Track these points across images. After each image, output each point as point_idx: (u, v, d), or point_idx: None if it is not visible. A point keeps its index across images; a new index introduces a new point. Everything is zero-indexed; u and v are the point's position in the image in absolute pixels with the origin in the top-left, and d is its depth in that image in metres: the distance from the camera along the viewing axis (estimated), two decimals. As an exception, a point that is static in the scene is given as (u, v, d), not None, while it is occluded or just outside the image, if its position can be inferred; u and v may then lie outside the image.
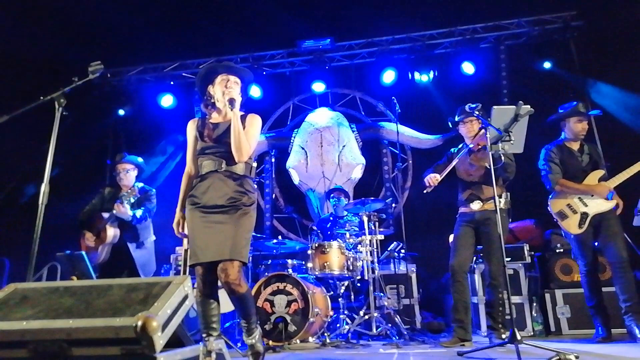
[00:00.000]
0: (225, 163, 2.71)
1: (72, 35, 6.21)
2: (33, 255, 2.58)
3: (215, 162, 2.72)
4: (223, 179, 2.70)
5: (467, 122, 3.95)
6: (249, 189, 2.74)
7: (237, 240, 2.59)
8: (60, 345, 1.61)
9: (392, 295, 4.89)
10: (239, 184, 2.70)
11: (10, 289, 1.95)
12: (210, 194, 2.67)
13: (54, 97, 2.77)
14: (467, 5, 6.60)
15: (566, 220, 3.86)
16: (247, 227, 2.69)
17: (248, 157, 2.74)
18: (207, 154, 2.76)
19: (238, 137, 2.67)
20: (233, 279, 2.53)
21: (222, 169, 2.70)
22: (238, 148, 2.67)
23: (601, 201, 3.78)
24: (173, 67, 7.48)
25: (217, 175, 2.70)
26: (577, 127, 3.95)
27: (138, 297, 1.75)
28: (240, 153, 2.68)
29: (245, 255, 2.62)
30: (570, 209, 3.86)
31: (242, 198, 2.68)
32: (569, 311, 4.50)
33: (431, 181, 3.73)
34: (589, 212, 3.79)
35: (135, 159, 4.46)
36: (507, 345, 3.00)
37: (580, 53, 6.24)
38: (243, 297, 2.61)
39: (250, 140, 2.75)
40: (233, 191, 2.67)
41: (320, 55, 7.13)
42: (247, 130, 2.77)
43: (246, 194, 2.70)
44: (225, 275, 2.53)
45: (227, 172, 2.71)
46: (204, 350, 2.01)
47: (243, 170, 2.74)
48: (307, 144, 6.94)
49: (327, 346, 3.91)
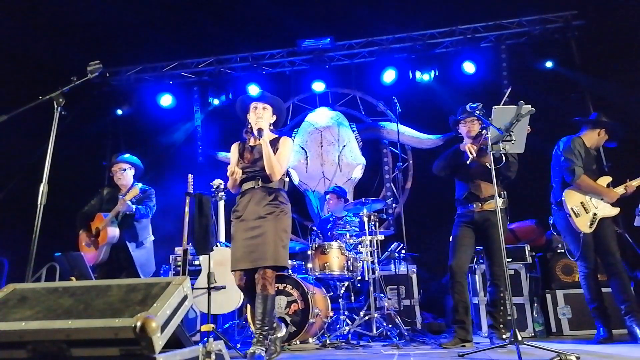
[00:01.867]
0: (261, 180, 3.20)
1: (71, 34, 6.19)
2: (32, 255, 2.57)
3: (253, 181, 3.21)
4: (260, 194, 3.18)
5: (467, 122, 3.93)
6: (282, 200, 3.23)
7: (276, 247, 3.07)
8: (60, 345, 1.60)
9: (393, 296, 4.88)
10: (274, 197, 3.18)
11: (9, 290, 1.94)
12: (250, 207, 3.16)
13: (52, 97, 2.77)
14: (468, 4, 6.59)
15: (579, 218, 3.82)
16: (284, 230, 3.17)
17: (280, 175, 3.21)
18: (247, 173, 3.25)
19: (270, 162, 3.14)
20: (268, 278, 3.04)
21: (258, 185, 3.20)
22: (271, 171, 3.16)
23: (609, 206, 3.81)
24: (172, 66, 7.46)
25: (255, 191, 3.19)
26: (598, 138, 4.00)
27: (137, 297, 1.74)
28: (273, 174, 3.17)
29: (283, 259, 3.12)
30: (583, 207, 3.84)
31: (276, 209, 3.15)
32: (570, 312, 4.48)
33: (473, 150, 3.67)
34: (598, 214, 3.79)
35: (130, 158, 4.45)
36: (508, 345, 2.99)
37: (581, 52, 6.24)
38: (269, 297, 3.04)
39: (282, 161, 3.23)
40: (268, 203, 3.15)
41: (320, 55, 7.12)
42: (279, 152, 3.24)
43: (279, 205, 3.18)
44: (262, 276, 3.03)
45: (264, 188, 3.19)
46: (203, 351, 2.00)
47: (277, 185, 3.24)
48: (307, 144, 6.94)
49: (327, 347, 3.89)
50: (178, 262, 5.25)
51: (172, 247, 5.41)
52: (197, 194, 3.78)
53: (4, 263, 5.42)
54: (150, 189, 4.42)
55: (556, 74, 6.40)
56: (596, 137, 4.00)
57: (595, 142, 4.01)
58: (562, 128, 4.36)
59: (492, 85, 6.61)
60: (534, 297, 4.59)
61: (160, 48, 7.12)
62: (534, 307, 4.51)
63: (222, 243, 4.65)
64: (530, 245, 4.73)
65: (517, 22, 6.64)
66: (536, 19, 6.55)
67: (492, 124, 3.20)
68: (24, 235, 2.80)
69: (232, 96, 7.20)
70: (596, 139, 4.00)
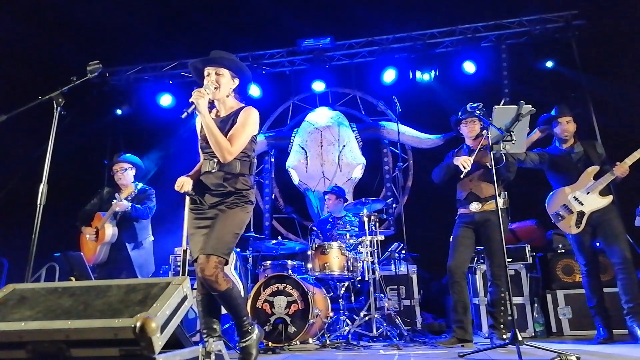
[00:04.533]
0: (216, 163, 2.68)
1: (70, 34, 6.19)
2: (31, 255, 2.57)
3: (209, 162, 2.72)
4: (215, 179, 2.67)
5: (468, 122, 3.94)
6: (240, 187, 2.67)
7: (221, 235, 2.53)
8: (59, 346, 1.60)
9: (393, 296, 4.87)
10: (232, 183, 2.66)
11: (8, 290, 1.94)
12: (203, 194, 2.68)
13: (52, 97, 2.77)
14: (468, 4, 6.59)
15: (563, 221, 3.86)
16: (236, 224, 2.62)
17: (232, 155, 2.64)
18: (204, 152, 2.77)
19: (212, 139, 2.60)
20: (208, 274, 2.45)
21: (214, 169, 2.68)
22: (216, 149, 2.62)
23: (596, 197, 3.76)
24: (172, 66, 7.45)
25: (210, 176, 2.69)
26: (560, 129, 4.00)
27: (137, 298, 1.74)
28: (221, 154, 2.62)
29: (226, 252, 2.53)
30: (566, 209, 3.85)
31: (230, 198, 2.64)
32: (571, 312, 4.48)
33: (465, 163, 3.68)
34: (585, 211, 3.77)
35: (131, 158, 4.45)
36: (509, 346, 2.99)
37: (582, 52, 6.23)
38: (223, 295, 2.52)
39: (236, 136, 2.64)
40: (224, 192, 2.64)
41: (320, 54, 7.11)
42: (235, 126, 2.68)
43: (237, 193, 2.65)
44: (201, 271, 2.47)
45: (220, 172, 2.67)
46: (203, 351, 1.99)
47: (238, 169, 2.68)
48: (307, 144, 6.93)
49: (327, 347, 3.89)
50: (178, 263, 5.25)
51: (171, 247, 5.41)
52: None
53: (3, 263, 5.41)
54: (150, 189, 4.41)
55: (556, 74, 6.40)
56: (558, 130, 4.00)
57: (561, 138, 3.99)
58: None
59: (492, 85, 6.61)
60: (535, 297, 4.58)
61: (160, 48, 7.12)
62: (534, 307, 4.51)
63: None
64: (531, 246, 4.73)
65: (517, 22, 6.63)
66: (536, 19, 6.55)
67: (492, 124, 3.19)
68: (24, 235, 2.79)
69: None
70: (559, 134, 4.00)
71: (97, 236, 4.15)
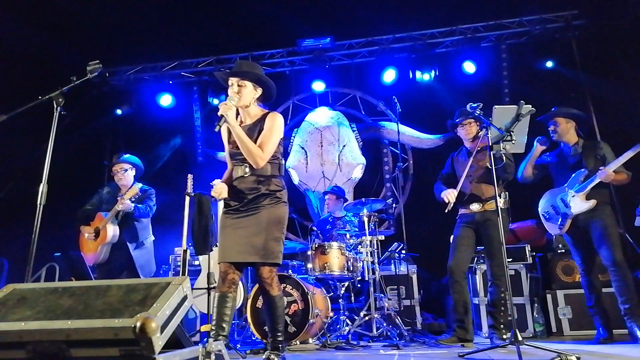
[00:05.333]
0: (248, 168, 2.83)
1: (70, 34, 6.18)
2: (31, 255, 2.57)
3: (241, 167, 2.85)
4: (249, 183, 2.82)
5: (465, 124, 3.94)
6: (274, 189, 2.85)
7: (265, 243, 2.73)
8: (59, 346, 1.60)
9: (393, 296, 4.87)
10: (266, 186, 2.82)
11: (8, 290, 1.93)
12: (239, 198, 2.83)
13: (52, 97, 2.76)
14: (469, 4, 6.59)
15: (549, 222, 3.92)
16: (276, 225, 2.82)
17: (264, 161, 2.78)
18: (235, 159, 2.90)
19: (244, 147, 2.75)
20: (265, 277, 2.73)
21: (246, 174, 2.82)
22: (249, 156, 2.77)
23: (580, 200, 3.74)
24: (172, 66, 7.45)
25: (244, 180, 2.83)
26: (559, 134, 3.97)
27: (137, 297, 1.74)
28: (254, 160, 2.77)
29: (275, 257, 2.76)
30: (553, 209, 3.88)
31: (267, 199, 2.81)
32: (571, 312, 4.48)
33: (449, 197, 3.71)
34: (569, 213, 3.77)
35: (132, 159, 4.45)
36: (509, 346, 2.99)
37: (582, 52, 6.22)
38: (273, 299, 2.76)
39: (266, 142, 2.79)
40: (259, 193, 2.80)
41: (320, 54, 7.11)
42: (263, 132, 2.83)
43: (272, 194, 2.83)
44: (260, 273, 2.73)
45: (253, 176, 2.82)
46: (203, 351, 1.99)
47: (269, 171, 2.85)
48: (307, 144, 6.93)
49: (327, 347, 3.89)
50: (178, 262, 5.25)
51: (171, 247, 5.41)
52: (196, 194, 3.76)
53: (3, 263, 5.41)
54: (151, 189, 4.41)
55: (556, 74, 6.39)
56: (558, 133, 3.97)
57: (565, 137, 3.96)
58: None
59: (492, 85, 6.61)
60: (535, 297, 4.59)
61: (159, 48, 7.11)
62: (534, 307, 4.51)
63: (222, 243, 4.63)
64: (531, 246, 4.73)
65: (517, 22, 6.63)
66: (536, 19, 6.54)
67: (492, 124, 3.19)
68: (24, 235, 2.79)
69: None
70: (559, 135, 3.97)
71: (98, 236, 4.15)
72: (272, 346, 2.80)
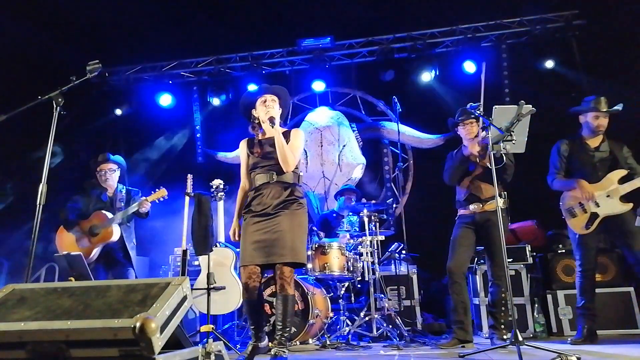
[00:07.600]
0: (275, 174, 3.09)
1: (70, 34, 6.18)
2: (31, 255, 2.56)
3: (266, 174, 3.10)
4: (275, 188, 3.07)
5: (466, 124, 3.93)
6: (298, 195, 3.12)
7: (292, 244, 2.95)
8: (59, 346, 1.59)
9: (393, 297, 4.87)
10: (290, 192, 3.07)
11: (8, 290, 1.93)
12: (266, 202, 3.05)
13: (51, 97, 2.76)
14: (469, 3, 6.58)
15: (574, 219, 3.76)
16: (300, 228, 3.05)
17: (294, 167, 3.12)
18: (259, 167, 3.15)
19: (283, 151, 3.05)
20: (286, 276, 2.93)
21: (273, 180, 3.09)
22: (284, 160, 3.06)
23: (616, 202, 3.62)
24: (171, 66, 7.44)
25: (270, 186, 3.08)
26: (593, 123, 3.78)
27: (136, 298, 1.73)
28: (287, 164, 3.06)
29: (302, 258, 3.01)
30: (581, 207, 3.73)
31: (293, 204, 3.06)
32: (571, 312, 4.47)
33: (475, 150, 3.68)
34: (600, 213, 3.65)
35: (118, 159, 4.42)
36: (509, 346, 2.98)
37: (582, 52, 6.22)
38: (287, 298, 2.93)
39: (295, 151, 3.14)
40: (285, 198, 3.05)
41: (320, 54, 7.10)
42: (291, 144, 3.15)
43: (296, 200, 3.08)
44: (281, 273, 2.93)
45: (279, 182, 3.09)
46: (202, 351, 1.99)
47: (292, 179, 3.13)
48: (307, 144, 6.92)
49: (327, 348, 3.89)
50: (177, 263, 5.25)
51: (171, 247, 5.41)
52: (196, 194, 3.77)
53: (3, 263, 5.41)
54: (136, 190, 4.41)
55: (557, 74, 6.39)
56: (591, 123, 3.78)
57: (595, 127, 3.77)
58: (562, 128, 4.34)
59: (492, 84, 6.59)
60: (535, 297, 4.58)
61: (159, 47, 7.10)
62: (534, 307, 4.50)
63: (221, 243, 4.64)
64: (531, 246, 4.72)
65: (517, 22, 6.62)
66: (537, 19, 6.54)
67: (492, 124, 3.19)
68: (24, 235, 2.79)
69: (231, 96, 7.16)
70: (593, 125, 3.77)
71: (93, 235, 4.07)
72: (279, 342, 2.88)
